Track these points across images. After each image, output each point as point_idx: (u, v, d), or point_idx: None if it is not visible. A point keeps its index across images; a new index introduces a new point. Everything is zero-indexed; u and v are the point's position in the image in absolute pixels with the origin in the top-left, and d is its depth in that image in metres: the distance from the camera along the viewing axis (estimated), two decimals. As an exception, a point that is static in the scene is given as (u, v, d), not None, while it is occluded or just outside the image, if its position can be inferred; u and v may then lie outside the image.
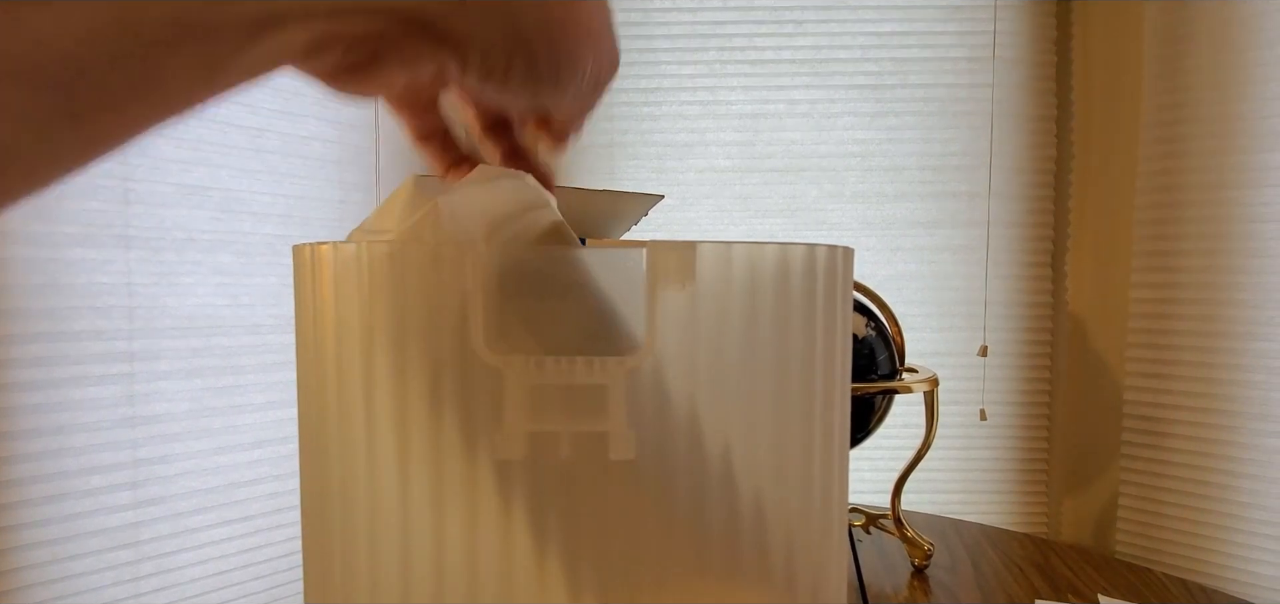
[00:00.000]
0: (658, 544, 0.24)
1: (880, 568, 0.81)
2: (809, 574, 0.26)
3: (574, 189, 0.31)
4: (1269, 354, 1.04)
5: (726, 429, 0.24)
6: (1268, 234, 1.03)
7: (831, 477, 0.27)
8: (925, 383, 0.75)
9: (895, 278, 1.26)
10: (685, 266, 0.23)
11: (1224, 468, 1.08)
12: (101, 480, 0.86)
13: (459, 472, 0.23)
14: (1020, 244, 1.26)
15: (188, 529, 0.94)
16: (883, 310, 0.80)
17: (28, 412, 0.81)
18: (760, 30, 1.24)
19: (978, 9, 1.22)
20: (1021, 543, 0.89)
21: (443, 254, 0.23)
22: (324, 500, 0.26)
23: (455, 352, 0.23)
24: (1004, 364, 1.27)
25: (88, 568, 0.86)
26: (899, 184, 1.25)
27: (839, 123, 1.25)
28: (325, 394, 0.25)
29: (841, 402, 0.27)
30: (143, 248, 0.88)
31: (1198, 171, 1.10)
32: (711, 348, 0.23)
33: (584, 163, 1.27)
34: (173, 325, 0.91)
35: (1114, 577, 0.79)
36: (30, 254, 0.80)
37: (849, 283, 0.27)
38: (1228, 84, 1.06)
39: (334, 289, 0.24)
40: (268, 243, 0.99)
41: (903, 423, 1.29)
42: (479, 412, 0.23)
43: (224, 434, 0.97)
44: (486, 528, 0.23)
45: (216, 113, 0.93)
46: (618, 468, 0.23)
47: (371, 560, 0.24)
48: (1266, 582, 1.04)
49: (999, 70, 1.23)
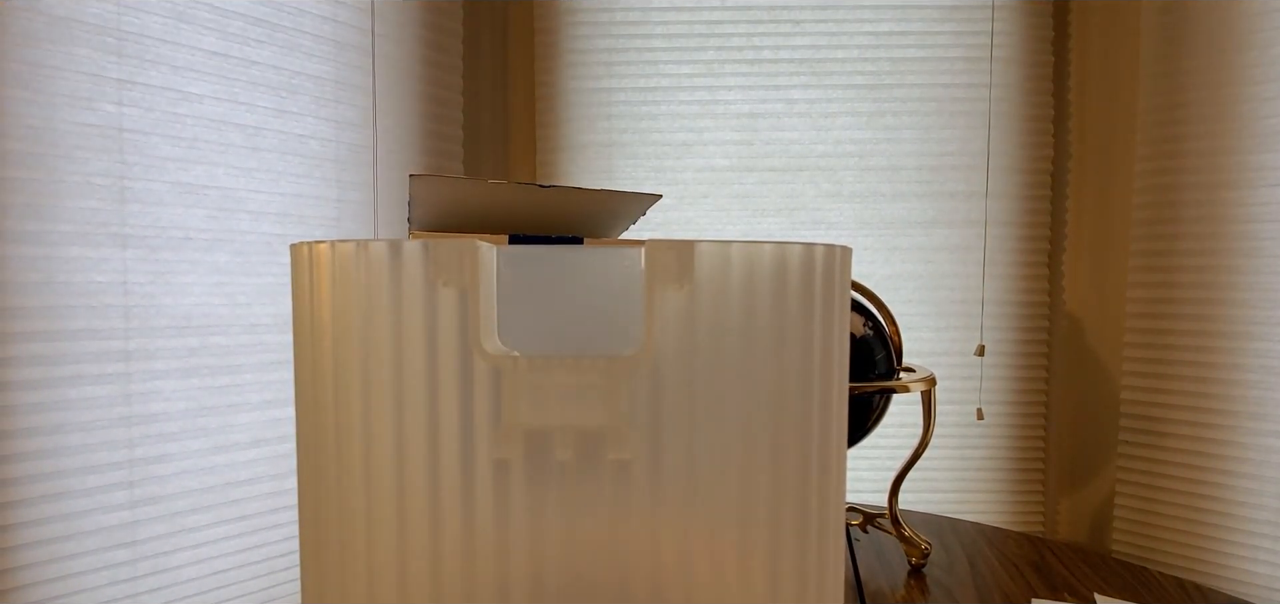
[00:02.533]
0: (655, 543, 0.24)
1: (877, 567, 0.81)
2: (807, 573, 0.26)
3: (572, 188, 0.31)
4: (1266, 354, 1.04)
5: (724, 428, 0.24)
6: (1264, 234, 1.03)
7: (829, 475, 0.27)
8: (922, 382, 0.75)
9: (893, 277, 1.26)
10: (683, 266, 0.23)
11: (1221, 467, 1.08)
12: (97, 480, 0.86)
13: (457, 470, 0.23)
14: (1017, 244, 1.26)
15: (185, 528, 0.93)
16: (880, 310, 0.80)
17: (23, 411, 0.81)
18: (758, 30, 1.24)
19: (975, 9, 1.22)
20: (1018, 542, 0.90)
21: (441, 253, 0.23)
22: (321, 499, 0.26)
23: (453, 350, 0.23)
24: (1001, 363, 1.27)
25: (84, 567, 0.86)
26: (896, 184, 1.25)
27: (837, 122, 1.25)
28: (323, 393, 0.25)
29: (839, 400, 0.27)
30: (139, 246, 0.88)
31: (1195, 172, 1.10)
32: (709, 347, 0.23)
33: (582, 162, 1.27)
34: (169, 324, 0.91)
35: (1110, 575, 0.79)
36: (25, 252, 0.80)
37: (846, 282, 0.27)
38: (1225, 84, 1.06)
39: (332, 288, 0.24)
40: (265, 241, 0.99)
41: (900, 422, 1.29)
42: (477, 411, 0.23)
43: (221, 433, 0.96)
44: (484, 527, 0.23)
45: (213, 111, 0.93)
46: (616, 466, 0.23)
47: (369, 559, 0.24)
48: (1263, 580, 1.05)
49: (996, 70, 1.23)
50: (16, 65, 0.78)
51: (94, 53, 0.83)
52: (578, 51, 1.26)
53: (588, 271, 0.27)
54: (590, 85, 1.26)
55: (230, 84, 0.94)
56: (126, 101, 0.86)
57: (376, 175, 1.11)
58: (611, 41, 1.25)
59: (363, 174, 1.10)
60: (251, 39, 0.96)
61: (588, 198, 0.33)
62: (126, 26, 0.85)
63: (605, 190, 0.33)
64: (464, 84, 1.28)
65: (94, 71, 0.83)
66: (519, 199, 0.33)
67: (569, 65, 1.27)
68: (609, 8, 1.25)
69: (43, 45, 0.79)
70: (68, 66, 0.81)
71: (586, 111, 1.27)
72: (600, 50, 1.26)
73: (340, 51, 1.05)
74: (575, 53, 1.26)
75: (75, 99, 0.82)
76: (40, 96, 0.80)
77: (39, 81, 0.79)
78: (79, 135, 0.83)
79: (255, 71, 0.97)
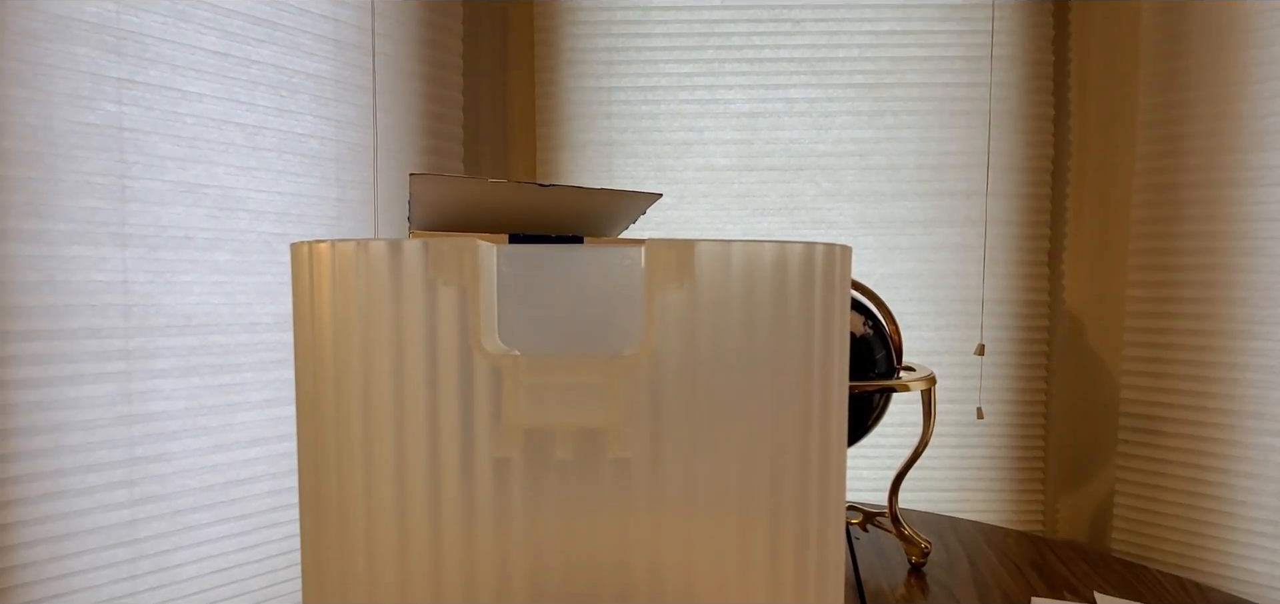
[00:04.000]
0: (655, 542, 0.24)
1: (877, 566, 0.81)
2: (806, 572, 0.26)
3: (572, 187, 0.31)
4: (1265, 353, 1.04)
5: (724, 427, 0.24)
6: (1264, 233, 1.03)
7: (829, 474, 0.27)
8: (922, 381, 0.75)
9: (893, 276, 1.26)
10: (683, 265, 0.23)
11: (1220, 466, 1.08)
12: (98, 478, 0.86)
13: (457, 469, 0.23)
14: (1017, 243, 1.26)
15: (185, 527, 0.93)
16: (880, 309, 0.80)
17: (23, 410, 0.81)
18: (758, 29, 1.24)
19: (975, 8, 1.22)
20: (1018, 541, 0.90)
21: (441, 253, 0.23)
22: (322, 498, 0.26)
23: (453, 349, 0.23)
24: (1001, 362, 1.27)
25: (84, 566, 0.86)
26: (897, 183, 1.25)
27: (837, 121, 1.25)
28: (323, 392, 0.25)
29: (839, 399, 0.27)
30: (139, 246, 0.88)
31: (1194, 170, 1.10)
32: (709, 346, 0.23)
33: (582, 161, 1.27)
34: (169, 323, 0.91)
35: (1110, 574, 0.79)
36: (25, 252, 0.80)
37: (846, 281, 0.27)
38: (1224, 83, 1.06)
39: (332, 287, 0.24)
40: (265, 241, 0.99)
41: (900, 421, 1.29)
42: (477, 409, 0.23)
43: (221, 432, 0.96)
44: (484, 526, 0.23)
45: (213, 110, 0.93)
46: (615, 465, 0.23)
47: (369, 558, 0.24)
48: (1262, 579, 1.05)
49: (997, 69, 1.23)
50: (16, 64, 0.78)
51: (94, 52, 0.83)
52: (578, 51, 1.26)
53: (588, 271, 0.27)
54: (590, 84, 1.26)
55: (230, 83, 0.94)
56: (126, 101, 0.86)
57: (376, 175, 1.11)
58: (611, 41, 1.25)
59: (363, 173, 1.10)
60: (251, 38, 0.96)
61: (588, 197, 0.33)
62: (126, 25, 0.85)
63: (605, 190, 0.33)
64: (464, 84, 1.28)
65: (94, 70, 0.83)
66: (519, 199, 0.33)
67: (569, 65, 1.27)
68: (609, 7, 1.25)
69: (42, 44, 0.79)
70: (67, 65, 0.81)
71: (586, 111, 1.27)
72: (600, 50, 1.26)
73: (340, 51, 1.05)
74: (575, 52, 1.26)
75: (75, 98, 0.82)
76: (40, 95, 0.80)
77: (38, 80, 0.79)
78: (79, 134, 0.83)
79: (255, 71, 0.97)
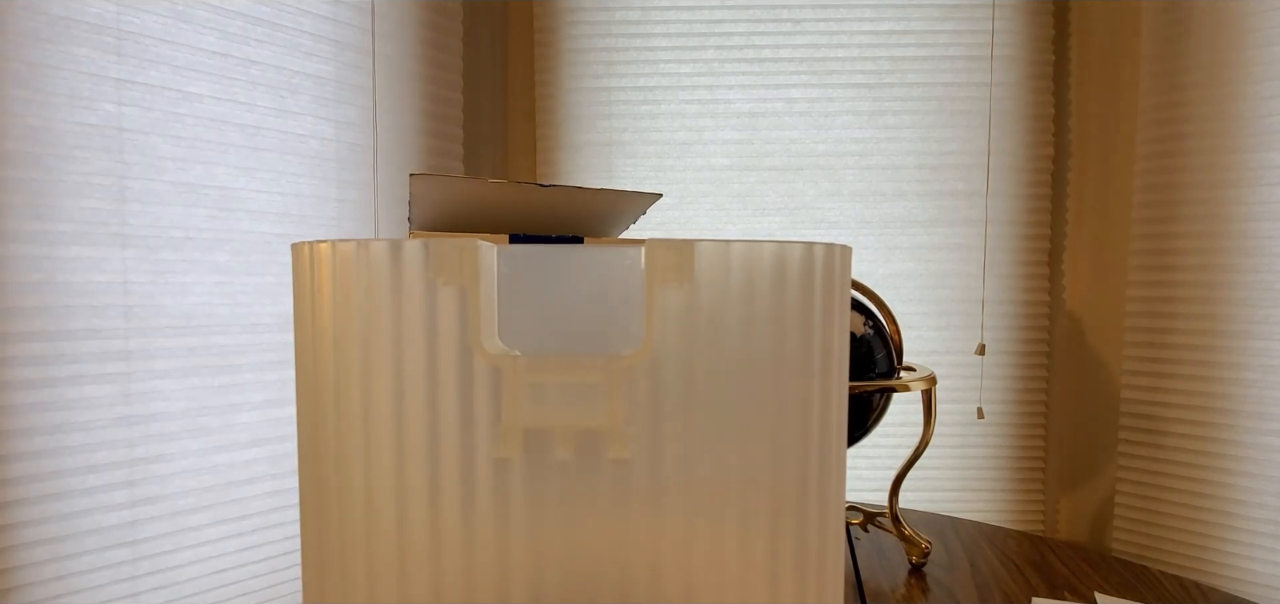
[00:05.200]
0: (655, 542, 0.24)
1: (878, 566, 0.81)
2: (806, 572, 0.26)
3: (572, 188, 0.31)
4: (1266, 352, 1.04)
5: (724, 426, 0.24)
6: (1265, 233, 1.03)
7: (829, 474, 0.27)
8: (923, 381, 0.75)
9: (893, 276, 1.26)
10: (683, 265, 0.23)
11: (1221, 466, 1.08)
12: (98, 479, 0.86)
13: (457, 469, 0.23)
14: (1018, 242, 1.26)
15: (185, 528, 0.93)
16: (880, 308, 0.80)
17: (23, 411, 0.81)
18: (758, 29, 1.24)
19: (975, 7, 1.22)
20: (1018, 541, 0.90)
21: (441, 253, 0.23)
22: (322, 499, 0.26)
23: (453, 349, 0.23)
24: (1001, 362, 1.27)
25: (84, 567, 0.86)
26: (897, 182, 1.25)
27: (837, 121, 1.25)
28: (323, 392, 0.25)
29: (839, 399, 0.27)
30: (139, 246, 0.88)
31: (1195, 170, 1.10)
32: (709, 346, 0.23)
33: (582, 161, 1.27)
34: (169, 324, 0.91)
35: (1111, 574, 0.79)
36: (25, 252, 0.80)
37: (846, 281, 0.27)
38: (1225, 82, 1.06)
39: (332, 287, 0.24)
40: (265, 241, 0.99)
41: (900, 421, 1.29)
42: (477, 410, 0.23)
43: (221, 433, 0.96)
44: (484, 525, 0.23)
45: (213, 111, 0.93)
46: (615, 465, 0.23)
47: (369, 558, 0.24)
48: (1263, 579, 1.05)
49: (997, 69, 1.23)
50: (16, 65, 0.78)
51: (93, 52, 0.83)
52: (578, 51, 1.26)
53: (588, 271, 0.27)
54: (590, 85, 1.26)
55: (230, 84, 0.94)
56: (126, 101, 0.86)
57: (376, 175, 1.11)
58: (611, 41, 1.25)
59: (363, 174, 1.10)
60: (252, 39, 0.96)
61: (588, 197, 0.33)
62: (126, 26, 0.85)
63: (605, 190, 0.33)
64: (464, 84, 1.28)
65: (94, 71, 0.83)
66: (519, 199, 0.33)
67: (569, 65, 1.27)
68: (609, 7, 1.25)
69: (42, 45, 0.79)
70: (67, 66, 0.81)
71: (586, 111, 1.27)
72: (600, 50, 1.26)
73: (340, 51, 1.05)
74: (575, 52, 1.26)
75: (75, 99, 0.82)
76: (40, 96, 0.80)
77: (39, 81, 0.79)
78: (79, 135, 0.83)
79: (255, 71, 0.97)
